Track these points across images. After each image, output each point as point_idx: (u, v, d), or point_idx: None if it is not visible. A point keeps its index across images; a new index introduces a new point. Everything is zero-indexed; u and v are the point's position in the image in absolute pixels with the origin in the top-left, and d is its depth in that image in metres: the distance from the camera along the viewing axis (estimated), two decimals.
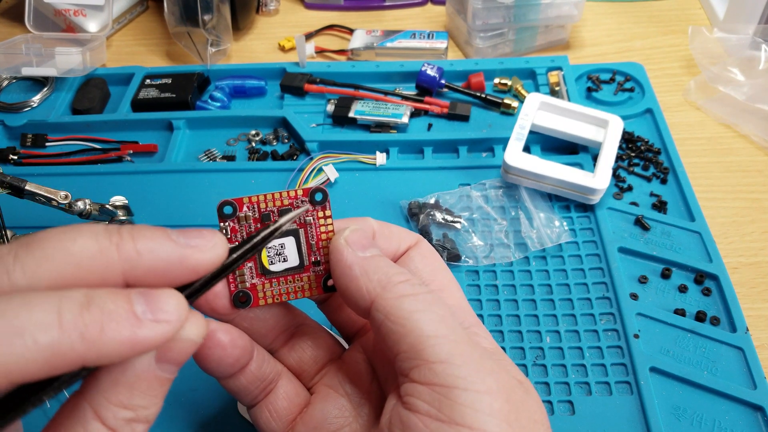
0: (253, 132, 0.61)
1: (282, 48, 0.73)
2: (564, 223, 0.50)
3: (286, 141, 0.61)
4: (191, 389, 0.42)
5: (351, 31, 0.72)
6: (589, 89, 0.62)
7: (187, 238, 0.23)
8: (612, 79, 0.63)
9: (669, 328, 0.44)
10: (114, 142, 0.61)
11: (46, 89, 0.66)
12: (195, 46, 0.67)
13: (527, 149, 0.57)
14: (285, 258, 0.29)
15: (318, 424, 0.30)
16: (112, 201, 0.51)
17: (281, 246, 0.29)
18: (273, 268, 0.29)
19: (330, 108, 0.61)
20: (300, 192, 0.28)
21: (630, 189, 0.54)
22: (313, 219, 0.29)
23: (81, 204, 0.48)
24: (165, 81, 0.64)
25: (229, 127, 0.62)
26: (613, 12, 0.75)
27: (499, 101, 0.61)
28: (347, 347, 0.34)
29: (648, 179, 0.54)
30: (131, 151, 0.59)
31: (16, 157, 0.60)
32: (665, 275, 0.47)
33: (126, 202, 0.51)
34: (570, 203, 0.52)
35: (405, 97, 0.61)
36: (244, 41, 0.75)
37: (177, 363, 0.23)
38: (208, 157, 0.59)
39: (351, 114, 0.60)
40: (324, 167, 0.55)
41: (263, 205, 0.28)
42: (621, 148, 0.57)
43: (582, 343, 0.44)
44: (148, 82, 0.65)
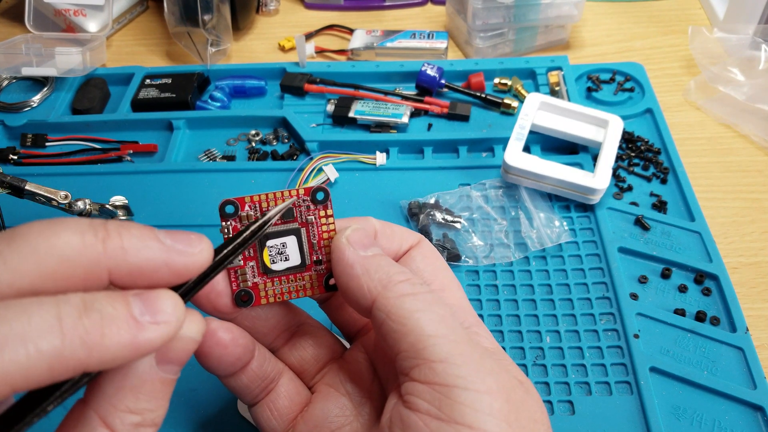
0: (253, 132, 0.61)
1: (282, 48, 0.73)
2: (564, 223, 0.50)
3: (286, 141, 0.61)
4: (191, 389, 0.42)
5: (351, 31, 0.72)
6: (589, 89, 0.62)
7: (174, 240, 0.22)
8: (612, 79, 0.63)
9: (669, 328, 0.44)
10: (114, 142, 0.61)
11: (46, 89, 0.66)
12: (195, 46, 0.67)
13: (527, 149, 0.57)
14: (287, 257, 0.29)
15: (319, 422, 0.30)
16: (112, 201, 0.51)
17: (283, 245, 0.29)
18: (275, 267, 0.29)
19: (330, 108, 0.61)
20: (302, 191, 0.28)
21: (630, 189, 0.54)
22: (315, 218, 0.29)
23: (81, 204, 0.48)
24: (165, 81, 0.64)
25: (229, 127, 0.62)
26: (613, 12, 0.75)
27: (499, 101, 0.61)
28: (348, 347, 0.34)
29: (648, 179, 0.54)
30: (131, 151, 0.59)
31: (16, 157, 0.60)
32: (665, 275, 0.47)
33: (126, 202, 0.51)
34: (570, 203, 0.52)
35: (405, 97, 0.61)
36: (244, 41, 0.75)
37: (179, 363, 0.23)
38: (208, 157, 0.59)
39: (351, 114, 0.60)
40: (324, 167, 0.55)
41: (265, 204, 0.28)
42: (621, 148, 0.57)
43: (582, 343, 0.44)
44: (148, 82, 0.65)
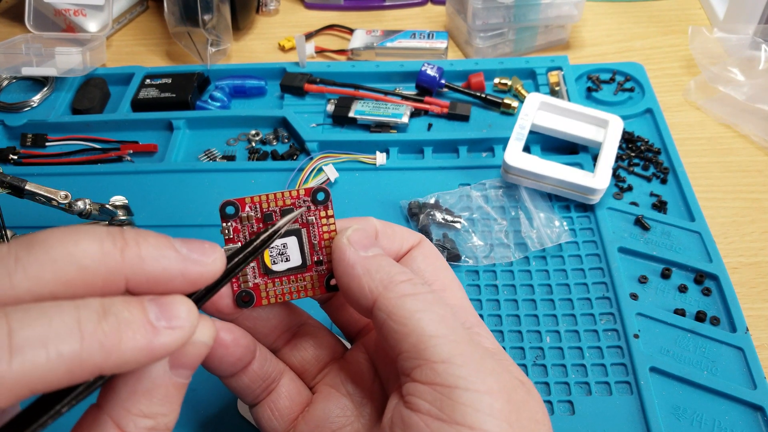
0: (253, 132, 0.61)
1: (282, 48, 0.73)
2: (564, 223, 0.50)
3: (286, 141, 0.61)
4: (191, 389, 0.42)
5: (351, 31, 0.72)
6: (589, 89, 0.62)
7: (190, 250, 0.23)
8: (612, 79, 0.63)
9: (669, 328, 0.44)
10: (114, 141, 0.61)
11: (46, 89, 0.65)
12: (195, 46, 0.67)
13: (527, 149, 0.57)
14: (287, 258, 0.29)
15: (320, 423, 0.30)
16: (112, 201, 0.51)
17: (284, 246, 0.29)
18: (276, 267, 0.29)
19: (330, 108, 0.61)
20: (302, 192, 0.28)
21: (630, 189, 0.54)
22: (316, 219, 0.29)
23: (81, 204, 0.48)
24: (165, 81, 0.64)
25: (229, 127, 0.62)
26: (613, 12, 0.75)
27: (499, 101, 0.61)
28: (349, 347, 0.34)
29: (648, 179, 0.54)
30: (131, 151, 0.59)
31: (16, 157, 0.60)
32: (665, 275, 0.47)
33: (126, 202, 0.51)
34: (570, 203, 0.52)
35: (405, 97, 0.61)
36: (244, 41, 0.75)
37: (191, 367, 0.24)
38: (208, 157, 0.59)
39: (351, 114, 0.60)
40: (324, 167, 0.55)
41: (265, 205, 0.28)
42: (621, 148, 0.57)
43: (582, 343, 0.44)
44: (148, 82, 0.65)
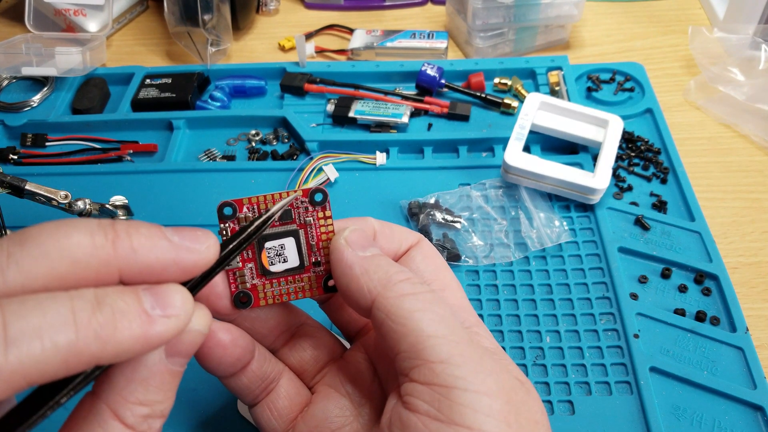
0: (253, 132, 0.61)
1: (282, 48, 0.73)
2: (564, 223, 0.50)
3: (286, 141, 0.61)
4: (191, 389, 0.42)
5: (351, 31, 0.72)
6: (589, 89, 0.62)
7: (182, 238, 0.22)
8: (612, 79, 0.63)
9: (669, 328, 0.44)
10: (114, 141, 0.61)
11: (46, 89, 0.65)
12: (195, 45, 0.67)
13: (527, 149, 0.57)
14: (285, 259, 0.29)
15: (319, 423, 0.30)
16: (112, 201, 0.51)
17: (281, 247, 0.29)
18: (273, 268, 0.29)
19: (330, 108, 0.61)
20: (300, 192, 0.28)
21: (630, 189, 0.54)
22: (313, 219, 0.29)
23: (81, 204, 0.48)
24: (165, 81, 0.64)
25: (229, 127, 0.62)
26: (613, 12, 0.75)
27: (499, 101, 0.61)
28: (349, 347, 0.34)
29: (648, 179, 0.54)
30: (131, 151, 0.59)
31: (16, 157, 0.60)
32: (665, 275, 0.47)
33: (126, 201, 0.51)
34: (570, 203, 0.52)
35: (405, 97, 0.61)
36: (244, 41, 0.75)
37: (187, 355, 0.24)
38: (208, 157, 0.59)
39: (351, 114, 0.60)
40: (324, 167, 0.55)
41: (263, 206, 0.28)
42: (621, 148, 0.57)
43: (582, 343, 0.44)
44: (148, 81, 0.65)
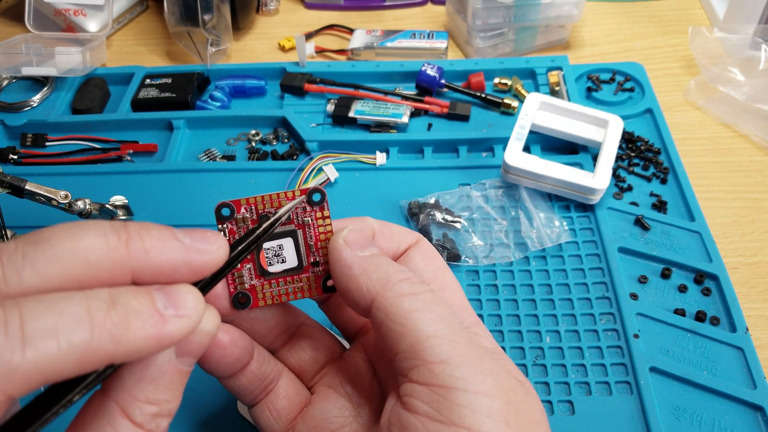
0: (253, 132, 0.61)
1: (282, 48, 0.73)
2: (564, 223, 0.50)
3: (286, 141, 0.61)
4: (191, 389, 0.42)
5: (351, 31, 0.72)
6: (589, 89, 0.62)
7: (193, 239, 0.23)
8: (612, 79, 0.63)
9: (669, 328, 0.44)
10: (114, 141, 0.61)
11: (46, 89, 0.66)
12: (195, 45, 0.67)
13: (527, 149, 0.57)
14: (283, 259, 0.29)
15: (318, 423, 0.30)
16: (112, 201, 0.51)
17: (279, 247, 0.29)
18: (272, 269, 0.29)
19: (330, 108, 0.61)
20: (298, 193, 0.28)
21: (630, 189, 0.54)
22: (312, 220, 0.29)
23: (81, 204, 0.48)
24: (165, 81, 0.64)
25: (229, 127, 0.62)
26: (613, 12, 0.75)
27: (499, 101, 0.61)
28: (348, 347, 0.34)
29: (648, 179, 0.54)
30: (131, 151, 0.59)
31: (16, 157, 0.60)
32: (665, 275, 0.47)
33: (126, 201, 0.51)
34: (570, 203, 0.52)
35: (405, 97, 0.61)
36: (244, 41, 0.75)
37: (195, 355, 0.24)
38: (208, 157, 0.59)
39: (351, 114, 0.60)
40: (324, 167, 0.55)
41: (261, 207, 0.28)
42: (621, 148, 0.57)
43: (582, 343, 0.44)
44: (148, 81, 0.65)
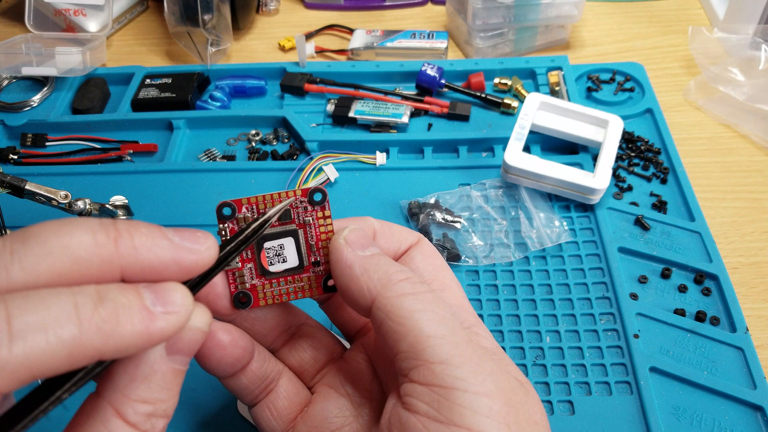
0: (253, 132, 0.61)
1: (282, 48, 0.73)
2: (564, 223, 0.50)
3: (286, 141, 0.61)
4: (191, 389, 0.42)
5: (351, 31, 0.72)
6: (589, 89, 0.62)
7: (182, 238, 0.23)
8: (612, 79, 0.63)
9: (669, 328, 0.44)
10: (114, 141, 0.61)
11: (46, 89, 0.65)
12: (195, 45, 0.67)
13: (527, 149, 0.57)
14: (284, 259, 0.29)
15: (318, 423, 0.30)
16: (112, 201, 0.51)
17: (280, 247, 0.29)
18: (272, 268, 0.29)
19: (330, 108, 0.61)
20: (299, 192, 0.28)
21: (630, 189, 0.54)
22: (313, 219, 0.29)
23: (81, 204, 0.48)
24: (165, 81, 0.64)
25: (229, 127, 0.62)
26: (613, 12, 0.75)
27: (499, 101, 0.61)
28: (349, 347, 0.34)
29: (648, 179, 0.54)
30: (131, 151, 0.59)
31: (16, 157, 0.60)
32: (665, 275, 0.47)
33: (126, 201, 0.52)
34: (570, 203, 0.52)
35: (405, 97, 0.61)
36: (244, 41, 0.75)
37: (188, 353, 0.24)
38: (208, 157, 0.59)
39: (351, 114, 0.60)
40: (324, 167, 0.55)
41: (262, 206, 0.28)
42: (621, 148, 0.57)
43: (582, 343, 0.44)
44: (148, 81, 0.65)
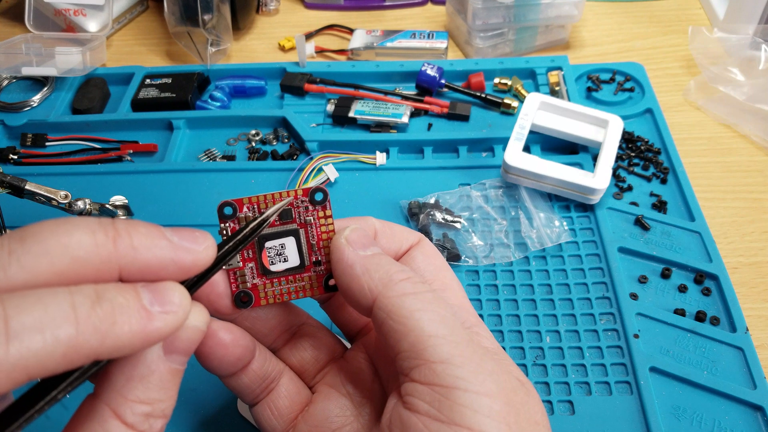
0: (253, 132, 0.61)
1: (282, 48, 0.73)
2: (564, 223, 0.50)
3: (286, 141, 0.61)
4: (191, 389, 0.42)
5: (351, 31, 0.72)
6: (589, 89, 0.62)
7: (181, 238, 0.23)
8: (612, 79, 0.63)
9: (669, 328, 0.44)
10: (114, 141, 0.61)
11: (46, 89, 0.65)
12: (195, 45, 0.67)
13: (527, 149, 0.57)
14: (285, 258, 0.29)
15: (319, 422, 0.30)
16: (112, 201, 0.51)
17: (281, 246, 0.29)
18: (273, 268, 0.29)
19: (330, 108, 0.61)
20: (300, 192, 0.28)
21: (630, 189, 0.54)
22: (314, 219, 0.29)
23: (81, 204, 0.48)
24: (165, 81, 0.64)
25: (229, 127, 0.62)
26: (613, 12, 0.75)
27: (499, 101, 0.61)
28: (349, 346, 0.34)
29: (648, 179, 0.54)
30: (131, 151, 0.59)
31: (16, 157, 0.60)
32: (665, 275, 0.47)
33: (126, 201, 0.52)
34: (570, 203, 0.52)
35: (405, 97, 0.61)
36: (244, 41, 0.75)
37: (185, 353, 0.24)
38: (208, 157, 0.59)
39: (351, 114, 0.60)
40: (324, 167, 0.55)
41: (263, 206, 0.28)
42: (621, 148, 0.57)
43: (582, 343, 0.44)
44: (148, 81, 0.65)
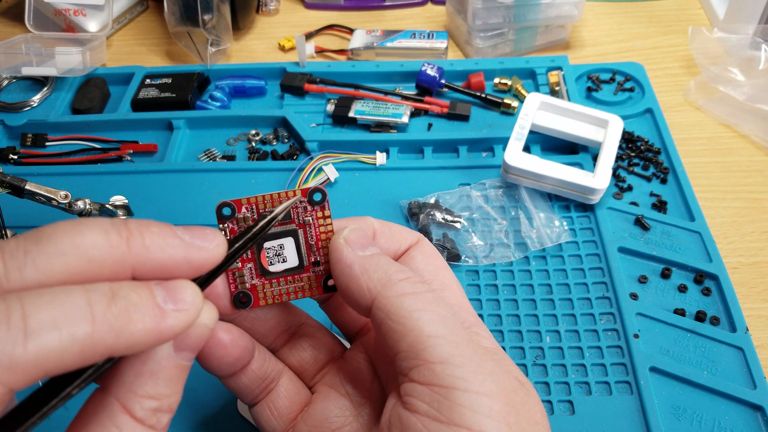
0: (253, 132, 0.61)
1: (282, 48, 0.73)
2: (564, 223, 0.50)
3: (286, 141, 0.61)
4: (191, 389, 0.42)
5: (351, 31, 0.72)
6: (589, 89, 0.62)
7: (192, 236, 0.23)
8: (612, 79, 0.63)
9: (669, 328, 0.44)
10: (114, 141, 0.61)
11: (46, 89, 0.65)
12: (195, 45, 0.67)
13: (527, 149, 0.57)
14: (284, 258, 0.29)
15: (319, 423, 0.30)
16: (112, 201, 0.51)
17: (280, 246, 0.29)
18: (272, 268, 0.29)
19: (330, 108, 0.61)
20: (299, 192, 0.28)
21: (630, 189, 0.54)
22: (312, 219, 0.29)
23: (81, 204, 0.48)
24: (165, 81, 0.64)
25: (229, 127, 0.62)
26: (613, 12, 0.75)
27: (499, 101, 0.61)
28: (349, 347, 0.34)
29: (648, 179, 0.54)
30: (131, 151, 0.59)
31: (16, 157, 0.60)
32: (665, 275, 0.47)
33: (126, 201, 0.52)
34: (570, 203, 0.52)
35: (405, 97, 0.61)
36: (244, 41, 0.75)
37: (194, 349, 0.24)
38: (208, 157, 0.59)
39: (351, 114, 0.60)
40: (324, 167, 0.55)
41: (262, 206, 0.28)
42: (621, 148, 0.57)
43: (582, 343, 0.44)
44: (148, 81, 0.65)
